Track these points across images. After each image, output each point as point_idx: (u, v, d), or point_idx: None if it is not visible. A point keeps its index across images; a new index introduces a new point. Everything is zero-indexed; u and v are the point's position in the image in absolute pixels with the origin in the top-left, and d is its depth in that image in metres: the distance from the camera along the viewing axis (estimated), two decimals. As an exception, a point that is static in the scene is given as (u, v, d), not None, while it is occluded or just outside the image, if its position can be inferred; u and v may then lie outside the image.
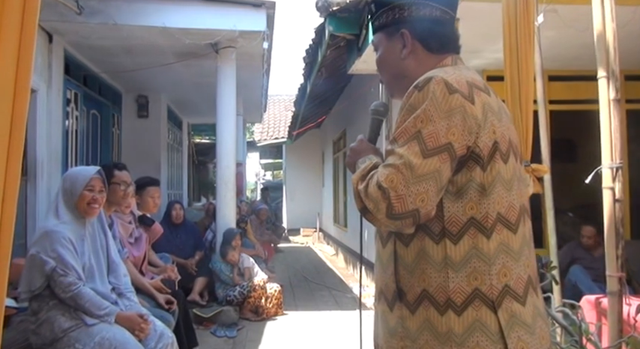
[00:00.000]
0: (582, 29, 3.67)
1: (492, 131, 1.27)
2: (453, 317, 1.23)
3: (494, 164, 1.26)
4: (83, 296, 2.69)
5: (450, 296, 1.24)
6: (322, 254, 12.50)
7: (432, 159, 1.21)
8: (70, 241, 2.73)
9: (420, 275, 1.29)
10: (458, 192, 1.26)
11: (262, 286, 5.78)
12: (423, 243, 1.29)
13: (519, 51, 2.90)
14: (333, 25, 5.40)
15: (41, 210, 4.95)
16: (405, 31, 1.44)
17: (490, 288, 1.23)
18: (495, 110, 1.31)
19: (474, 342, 1.21)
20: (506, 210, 1.27)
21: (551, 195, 3.42)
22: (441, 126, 1.22)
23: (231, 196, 6.18)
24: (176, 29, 5.30)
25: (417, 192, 1.20)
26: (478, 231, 1.25)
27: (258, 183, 26.97)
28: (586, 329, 2.48)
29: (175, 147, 10.72)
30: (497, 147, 1.26)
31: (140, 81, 7.67)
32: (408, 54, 1.44)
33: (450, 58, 1.44)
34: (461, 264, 1.24)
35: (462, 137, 1.23)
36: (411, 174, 1.20)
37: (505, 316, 1.22)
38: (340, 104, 11.13)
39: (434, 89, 1.25)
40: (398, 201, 1.20)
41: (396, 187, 1.20)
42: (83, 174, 2.92)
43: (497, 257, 1.25)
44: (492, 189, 1.25)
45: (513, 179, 1.30)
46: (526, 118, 2.91)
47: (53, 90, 5.28)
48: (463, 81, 1.29)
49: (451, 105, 1.24)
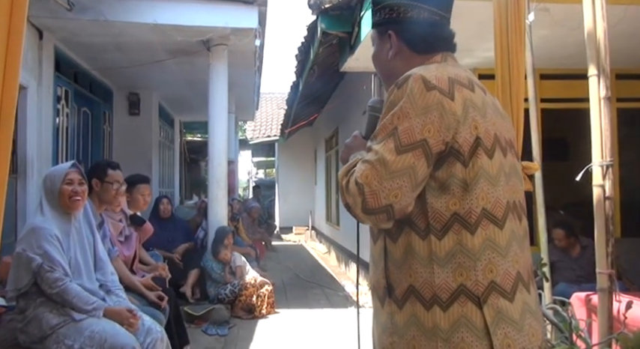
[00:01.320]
0: (573, 28, 3.68)
1: (474, 127, 1.27)
2: (438, 313, 1.24)
3: (477, 159, 1.26)
4: (70, 291, 2.69)
5: (435, 291, 1.25)
6: (314, 252, 12.52)
7: (405, 155, 1.23)
8: (55, 237, 2.73)
9: (407, 270, 1.29)
10: (440, 187, 1.27)
11: (254, 284, 5.77)
12: (409, 239, 1.29)
13: (510, 49, 2.91)
14: (325, 22, 5.40)
15: (31, 208, 4.91)
16: (391, 32, 1.46)
17: (475, 284, 1.23)
18: (479, 106, 1.31)
19: (459, 338, 1.22)
20: (492, 205, 1.27)
21: (542, 192, 3.44)
22: (416, 122, 1.24)
23: (223, 194, 6.17)
24: (168, 26, 5.27)
25: (390, 187, 1.22)
26: (462, 227, 1.25)
27: (251, 181, 26.93)
28: (576, 325, 2.50)
29: (167, 145, 10.67)
30: (479, 142, 1.26)
31: (131, 78, 7.63)
32: (394, 55, 1.47)
33: (439, 55, 1.44)
34: (446, 260, 1.25)
35: (438, 133, 1.24)
36: (385, 170, 1.22)
37: (491, 312, 1.22)
38: (333, 102, 11.13)
39: (412, 86, 1.27)
40: (372, 197, 1.22)
41: (370, 183, 1.23)
42: (59, 171, 2.94)
43: (483, 253, 1.25)
44: (475, 185, 1.25)
45: (500, 174, 1.30)
46: (517, 116, 2.92)
47: (43, 87, 5.24)
48: (444, 77, 1.29)
49: (428, 102, 1.25)
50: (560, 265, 4.92)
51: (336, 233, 11.17)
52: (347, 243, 9.44)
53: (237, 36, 5.63)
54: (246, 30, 5.52)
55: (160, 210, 6.34)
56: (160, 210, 6.34)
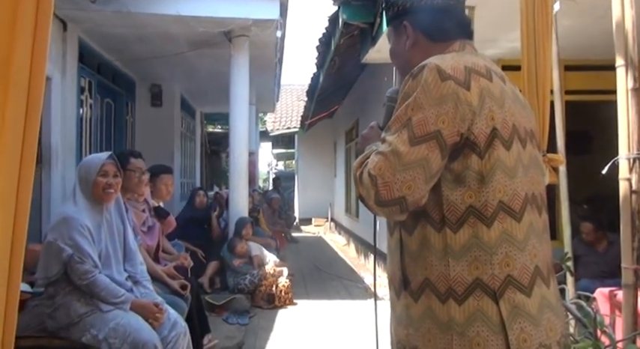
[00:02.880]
0: (600, 17, 3.61)
1: (490, 117, 1.24)
2: (454, 306, 1.23)
3: (493, 151, 1.23)
4: (99, 284, 2.71)
5: (450, 285, 1.23)
6: (334, 244, 12.53)
7: (419, 146, 1.21)
8: (86, 228, 2.75)
9: (422, 263, 1.28)
10: (456, 179, 1.25)
11: (273, 274, 5.81)
12: (425, 231, 1.28)
13: (537, 40, 2.86)
14: (346, 13, 5.37)
15: (56, 197, 5.00)
16: (406, 23, 1.45)
17: (492, 278, 1.22)
18: (496, 95, 1.27)
19: (474, 332, 1.20)
20: (509, 197, 1.24)
21: (566, 186, 3.39)
22: (430, 113, 1.22)
23: (244, 185, 6.21)
24: (190, 17, 5.30)
25: (403, 179, 1.20)
26: (478, 220, 1.23)
27: (271, 172, 27.01)
28: (601, 321, 2.46)
29: (188, 136, 10.75)
30: (496, 133, 1.24)
31: (154, 70, 7.69)
32: (410, 45, 1.45)
33: (457, 43, 1.42)
34: (461, 253, 1.23)
35: (452, 124, 1.22)
36: (398, 162, 1.21)
37: (507, 307, 1.21)
38: (353, 94, 11.08)
39: (426, 76, 1.25)
40: (384, 188, 1.21)
41: (383, 174, 1.21)
42: (95, 161, 2.93)
43: (500, 246, 1.23)
44: (492, 177, 1.23)
45: (518, 166, 1.27)
46: (543, 109, 2.87)
47: (67, 78, 5.31)
48: (460, 66, 1.27)
49: (442, 93, 1.23)
50: (585, 260, 4.86)
51: (355, 225, 11.17)
52: (366, 235, 9.43)
53: (258, 27, 5.64)
54: (267, 21, 5.52)
55: (196, 201, 6.52)
56: (195, 202, 6.50)
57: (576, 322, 2.64)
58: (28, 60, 1.23)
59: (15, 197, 1.21)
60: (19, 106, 1.21)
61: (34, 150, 1.26)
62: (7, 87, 1.18)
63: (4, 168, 1.19)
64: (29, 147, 1.24)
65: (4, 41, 1.17)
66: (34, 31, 1.23)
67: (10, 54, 1.18)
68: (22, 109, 1.22)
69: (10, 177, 1.21)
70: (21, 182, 1.23)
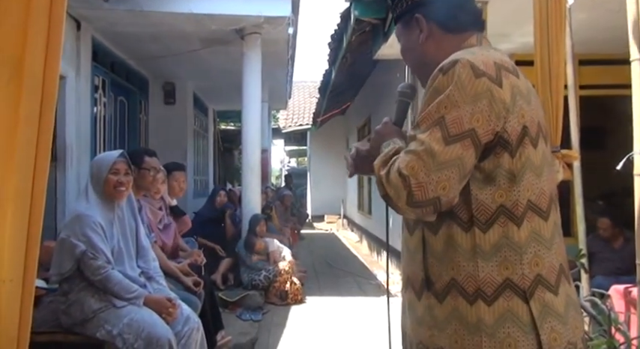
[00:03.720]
0: (615, 10, 3.56)
1: (521, 115, 1.22)
2: (483, 307, 1.21)
3: (524, 149, 1.22)
4: (112, 279, 2.74)
5: (479, 286, 1.21)
6: (346, 240, 12.53)
7: (454, 145, 1.17)
8: (99, 225, 2.78)
9: (448, 263, 1.26)
10: (486, 179, 1.23)
11: (287, 271, 5.82)
12: (451, 231, 1.25)
13: (550, 34, 2.83)
14: (358, 9, 5.35)
15: (70, 194, 5.05)
16: (418, 15, 1.41)
17: (522, 278, 1.20)
18: (524, 93, 1.26)
19: (504, 333, 1.19)
20: (537, 196, 1.23)
21: (580, 182, 3.36)
22: (465, 111, 1.18)
23: (257, 182, 6.23)
24: (202, 15, 5.32)
25: (438, 179, 1.16)
26: (508, 220, 1.21)
27: (283, 169, 27.06)
28: (615, 318, 2.44)
29: (201, 133, 10.80)
30: (526, 131, 1.22)
31: (167, 68, 7.73)
32: (425, 38, 1.41)
33: (474, 37, 1.39)
34: (491, 254, 1.21)
35: (487, 123, 1.19)
36: (432, 162, 1.17)
37: (538, 306, 1.20)
38: (365, 90, 11.05)
39: (459, 72, 1.21)
40: (419, 189, 1.16)
41: (416, 174, 1.17)
42: (107, 159, 2.96)
43: (529, 246, 1.22)
44: (522, 176, 1.22)
45: (543, 164, 1.26)
46: (556, 104, 2.85)
47: (82, 76, 5.36)
48: (491, 62, 1.24)
49: (477, 90, 1.19)
50: (601, 256, 4.81)
51: (367, 221, 11.15)
52: (379, 232, 9.42)
53: (270, 24, 5.64)
54: (279, 18, 5.52)
55: (217, 201, 6.64)
56: (216, 202, 6.64)
57: (591, 320, 2.62)
58: (42, 59, 1.24)
59: (30, 194, 1.23)
60: (34, 104, 1.23)
61: (48, 147, 1.28)
62: (21, 85, 1.20)
63: (19, 166, 1.21)
64: (44, 145, 1.26)
65: (18, 41, 1.19)
66: (48, 31, 1.25)
67: (23, 53, 1.19)
68: (37, 107, 1.24)
69: (25, 174, 1.22)
70: (36, 179, 1.24)
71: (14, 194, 1.20)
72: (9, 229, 1.19)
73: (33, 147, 1.23)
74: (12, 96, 1.19)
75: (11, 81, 1.18)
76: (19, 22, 1.19)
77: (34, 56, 1.22)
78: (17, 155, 1.20)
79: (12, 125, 1.19)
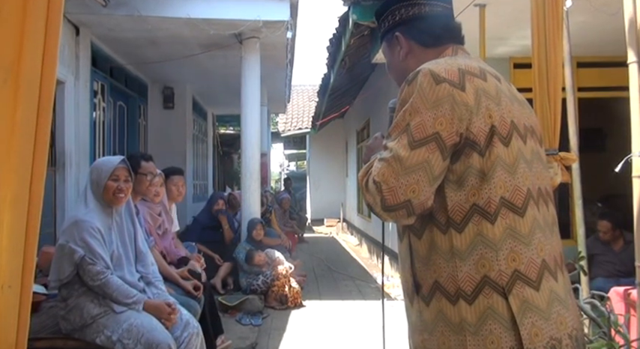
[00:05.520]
0: (612, 13, 3.57)
1: (488, 116, 1.26)
2: (464, 307, 1.23)
3: (493, 148, 1.25)
4: (111, 285, 2.74)
5: (459, 285, 1.24)
6: (346, 244, 12.52)
7: (419, 150, 1.23)
8: (98, 230, 2.77)
9: (431, 266, 1.29)
10: (458, 180, 1.26)
11: (285, 275, 5.81)
12: (432, 235, 1.29)
13: (547, 37, 2.84)
14: (357, 13, 5.37)
15: (69, 199, 5.05)
16: (398, 33, 1.49)
17: (499, 274, 1.22)
18: (492, 94, 1.30)
19: (487, 330, 1.21)
20: (510, 193, 1.26)
21: (579, 184, 3.36)
22: (427, 116, 1.24)
23: (256, 186, 6.23)
24: (200, 20, 5.33)
25: (406, 183, 1.22)
26: (482, 217, 1.24)
27: (283, 173, 27.06)
28: (615, 321, 2.43)
29: (200, 137, 10.81)
30: (494, 131, 1.26)
31: (166, 72, 7.74)
32: (405, 55, 1.49)
33: (450, 49, 1.45)
34: (467, 253, 1.24)
35: (450, 126, 1.24)
36: (400, 167, 1.23)
37: (516, 302, 1.21)
38: (364, 94, 11.07)
39: (421, 81, 1.27)
40: (389, 194, 1.23)
41: (387, 180, 1.23)
42: (107, 165, 2.94)
43: (504, 242, 1.23)
44: (493, 174, 1.24)
45: (518, 162, 1.28)
46: (554, 106, 2.85)
47: (80, 81, 5.37)
48: (454, 69, 1.29)
49: (438, 95, 1.25)
50: (601, 259, 4.81)
51: (367, 225, 11.15)
52: (378, 235, 9.41)
53: (268, 28, 5.65)
54: (277, 22, 5.53)
55: (214, 208, 6.55)
56: (213, 209, 6.55)
57: (590, 322, 2.62)
58: (38, 63, 1.24)
59: (27, 199, 1.23)
60: (30, 109, 1.23)
61: (45, 152, 1.27)
62: (17, 90, 1.19)
63: (16, 171, 1.21)
64: (41, 150, 1.25)
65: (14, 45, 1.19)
66: (45, 35, 1.25)
67: (20, 58, 1.19)
68: (34, 112, 1.23)
69: (22, 179, 1.22)
70: (33, 184, 1.24)
71: (11, 199, 1.20)
72: (6, 235, 1.18)
73: (30, 151, 1.23)
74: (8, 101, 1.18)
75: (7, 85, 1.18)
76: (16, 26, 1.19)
77: (30, 60, 1.22)
78: (14, 160, 1.20)
79: (8, 130, 1.19)
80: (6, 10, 1.17)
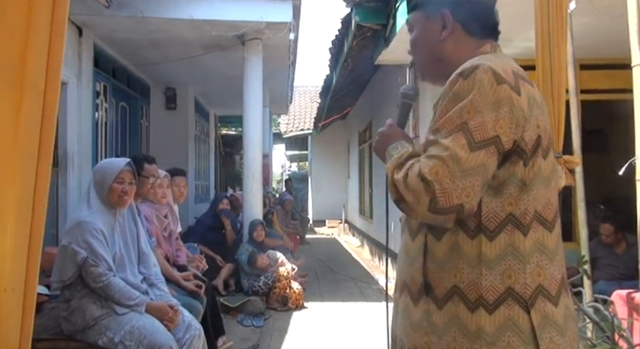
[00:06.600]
0: (617, 16, 3.56)
1: (536, 125, 1.22)
2: (484, 316, 1.19)
3: (536, 159, 1.21)
4: (113, 286, 2.73)
5: (482, 293, 1.20)
6: (348, 245, 12.51)
7: (479, 152, 1.15)
8: (100, 232, 2.77)
9: (451, 270, 1.24)
10: (498, 187, 1.21)
11: (286, 276, 5.81)
12: (456, 238, 1.24)
13: (551, 39, 2.83)
14: (359, 15, 5.37)
15: (72, 200, 5.05)
16: (446, 11, 1.37)
17: (524, 287, 1.19)
18: (539, 102, 1.25)
19: (505, 342, 1.18)
20: (542, 207, 1.23)
21: (582, 187, 3.35)
22: (488, 118, 1.16)
23: (258, 187, 6.22)
24: (203, 21, 5.34)
25: (463, 186, 1.14)
26: (515, 228, 1.20)
27: (284, 174, 27.06)
28: (618, 324, 2.43)
29: (202, 138, 10.81)
30: (539, 141, 1.22)
31: (168, 73, 7.75)
32: (447, 36, 1.38)
33: (489, 44, 1.38)
34: (495, 262, 1.20)
35: (509, 130, 1.17)
36: (458, 168, 1.14)
37: (538, 316, 1.19)
38: (366, 95, 11.07)
39: (481, 78, 1.19)
40: (443, 195, 1.14)
41: (441, 180, 1.14)
42: (113, 167, 2.94)
43: (532, 255, 1.21)
44: (532, 186, 1.21)
45: (551, 175, 1.25)
46: (558, 109, 2.85)
47: (83, 82, 5.37)
48: (509, 70, 1.23)
49: (499, 96, 1.18)
50: (603, 262, 4.80)
51: (369, 226, 11.14)
52: (380, 237, 9.40)
53: (271, 30, 5.65)
54: (280, 24, 5.53)
55: (218, 208, 6.55)
56: (217, 209, 6.55)
57: (593, 325, 2.61)
58: (43, 65, 1.24)
59: (31, 201, 1.22)
60: (35, 111, 1.22)
61: (50, 154, 1.27)
62: (22, 92, 1.19)
63: (21, 173, 1.20)
64: (45, 152, 1.25)
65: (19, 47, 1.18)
66: (50, 37, 1.24)
67: (25, 59, 1.19)
68: (38, 114, 1.23)
69: (27, 181, 1.22)
70: (37, 186, 1.24)
71: (15, 201, 1.19)
72: (10, 238, 1.18)
73: (34, 154, 1.23)
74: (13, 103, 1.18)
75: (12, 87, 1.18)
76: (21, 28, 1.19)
77: (35, 62, 1.21)
78: (18, 162, 1.20)
79: (13, 132, 1.19)
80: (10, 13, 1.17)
